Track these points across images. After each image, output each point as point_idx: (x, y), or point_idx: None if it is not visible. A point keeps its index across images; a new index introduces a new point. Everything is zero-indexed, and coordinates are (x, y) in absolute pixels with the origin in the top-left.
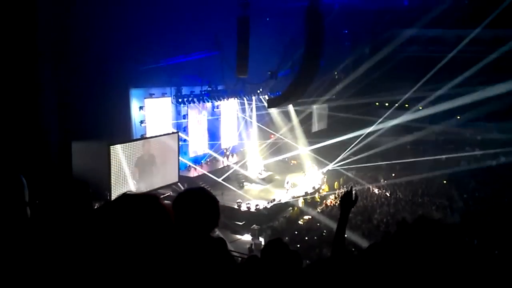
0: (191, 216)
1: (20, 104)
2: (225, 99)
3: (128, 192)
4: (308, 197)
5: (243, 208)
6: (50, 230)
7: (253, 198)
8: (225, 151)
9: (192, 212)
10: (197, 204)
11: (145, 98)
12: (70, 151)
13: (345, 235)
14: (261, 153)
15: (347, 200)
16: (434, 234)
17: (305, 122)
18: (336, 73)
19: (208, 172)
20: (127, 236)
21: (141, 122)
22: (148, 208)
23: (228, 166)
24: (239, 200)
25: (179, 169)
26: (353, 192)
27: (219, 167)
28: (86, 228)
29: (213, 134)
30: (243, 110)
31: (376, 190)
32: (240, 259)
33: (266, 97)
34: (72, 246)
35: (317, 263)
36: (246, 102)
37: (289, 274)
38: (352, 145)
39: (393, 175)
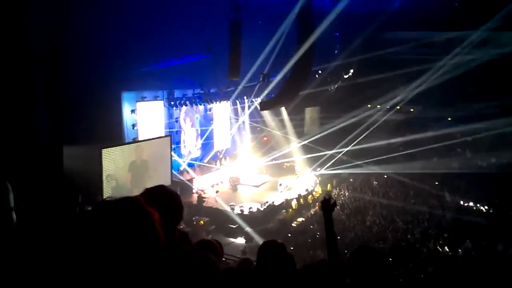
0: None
1: (9, 108)
2: (217, 102)
3: (107, 199)
4: (302, 199)
5: (236, 211)
6: (36, 235)
7: (246, 200)
8: (218, 154)
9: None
10: (156, 201)
11: (137, 101)
12: (61, 155)
13: (338, 237)
14: (254, 156)
15: (326, 206)
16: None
17: (298, 124)
18: (327, 75)
19: (201, 175)
20: (110, 241)
21: (133, 125)
22: (127, 212)
23: (221, 169)
24: (232, 203)
25: (171, 172)
26: (331, 198)
27: (212, 170)
28: (71, 233)
29: (206, 137)
30: (236, 113)
31: (368, 191)
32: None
33: (259, 100)
34: (58, 250)
35: (311, 266)
36: (238, 104)
37: (283, 275)
38: (345, 150)
39: (385, 176)
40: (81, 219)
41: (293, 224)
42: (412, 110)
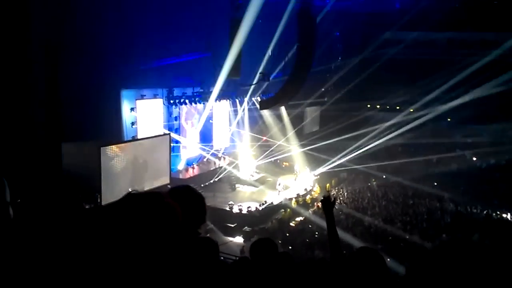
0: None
1: (9, 105)
2: (217, 101)
3: (132, 192)
4: (300, 199)
5: (235, 210)
6: (38, 230)
7: (245, 200)
8: (217, 152)
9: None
10: (183, 201)
11: (136, 99)
12: (60, 152)
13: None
14: (253, 155)
15: (327, 203)
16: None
17: (297, 123)
18: (327, 75)
19: (200, 174)
20: (134, 235)
21: (132, 123)
22: (154, 206)
23: (220, 167)
24: (231, 202)
25: (170, 171)
26: (331, 196)
27: (211, 169)
28: (83, 228)
29: (205, 136)
30: (235, 112)
31: (367, 192)
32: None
33: (258, 99)
34: (65, 246)
35: (309, 263)
36: (238, 103)
37: (278, 273)
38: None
39: (384, 176)
40: (105, 211)
41: (291, 224)
42: (412, 110)
